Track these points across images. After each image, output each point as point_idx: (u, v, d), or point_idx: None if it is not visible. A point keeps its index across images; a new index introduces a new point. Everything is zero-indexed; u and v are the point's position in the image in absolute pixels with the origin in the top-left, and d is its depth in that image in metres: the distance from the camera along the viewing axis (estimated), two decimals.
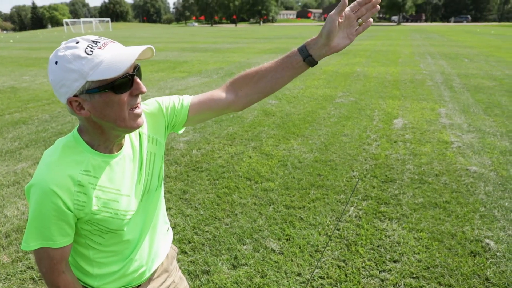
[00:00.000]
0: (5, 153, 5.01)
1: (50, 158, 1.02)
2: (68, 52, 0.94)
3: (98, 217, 1.06)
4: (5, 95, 9.02)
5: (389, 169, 4.29)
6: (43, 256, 1.05)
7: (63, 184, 0.98)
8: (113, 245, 1.16)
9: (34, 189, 0.99)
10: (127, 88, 0.97)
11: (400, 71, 11.19)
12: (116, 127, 1.01)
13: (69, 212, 1.01)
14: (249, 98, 1.26)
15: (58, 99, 8.27)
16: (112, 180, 1.08)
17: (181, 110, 1.24)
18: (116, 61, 0.93)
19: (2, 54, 21.21)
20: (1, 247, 2.97)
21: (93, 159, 1.04)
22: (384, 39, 26.80)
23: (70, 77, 0.93)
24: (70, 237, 1.06)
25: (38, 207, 0.98)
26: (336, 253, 2.87)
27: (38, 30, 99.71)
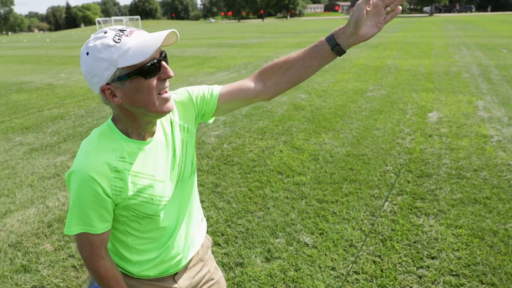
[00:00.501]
0: (45, 147, 5.22)
1: (87, 147, 1.07)
2: (97, 42, 0.98)
3: (134, 202, 1.10)
4: (43, 92, 9.40)
5: (424, 163, 4.17)
6: (84, 241, 1.09)
7: (101, 171, 1.02)
8: (150, 231, 1.19)
9: (73, 176, 1.04)
10: (155, 73, 1.01)
11: (433, 63, 10.83)
12: (147, 113, 1.04)
13: (107, 198, 1.05)
14: (277, 87, 1.28)
15: (92, 95, 8.57)
16: (146, 166, 1.11)
17: (210, 99, 1.26)
18: (143, 46, 0.96)
19: (39, 53, 22.11)
20: (44, 236, 3.11)
21: (127, 146, 1.08)
22: (416, 30, 26.00)
23: (101, 66, 0.97)
24: (108, 223, 1.10)
25: (78, 193, 1.03)
26: (371, 248, 2.83)
27: (72, 29, 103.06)
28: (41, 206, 3.58)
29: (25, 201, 3.70)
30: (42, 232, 3.15)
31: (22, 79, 11.74)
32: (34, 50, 25.19)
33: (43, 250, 2.92)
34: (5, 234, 3.16)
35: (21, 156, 4.94)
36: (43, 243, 3.00)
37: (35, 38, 49.79)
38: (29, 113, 7.23)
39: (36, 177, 4.23)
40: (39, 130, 6.05)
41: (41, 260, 2.80)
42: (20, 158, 4.85)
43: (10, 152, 5.09)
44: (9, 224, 3.31)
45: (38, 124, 6.43)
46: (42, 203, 3.65)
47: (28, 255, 2.87)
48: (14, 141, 5.55)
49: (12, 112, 7.41)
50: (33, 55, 20.92)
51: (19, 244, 3.00)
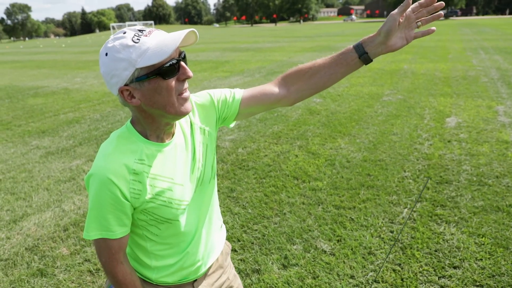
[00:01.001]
0: (61, 151, 5.27)
1: (106, 149, 1.06)
2: (116, 43, 0.97)
3: (152, 206, 1.08)
4: (59, 96, 9.53)
5: (443, 169, 4.07)
6: (102, 246, 1.08)
7: (119, 173, 1.01)
8: (169, 237, 1.17)
9: (92, 178, 1.03)
10: (174, 73, 0.99)
11: (450, 68, 10.66)
12: (166, 114, 1.03)
13: (126, 202, 1.04)
14: (301, 93, 1.27)
15: (107, 99, 8.65)
16: (165, 168, 1.10)
17: (232, 103, 1.25)
18: (162, 46, 0.95)
19: (55, 58, 22.51)
20: (61, 239, 3.11)
21: (146, 148, 1.07)
22: (432, 34, 25.67)
23: (120, 66, 0.96)
24: (127, 227, 1.09)
25: (97, 196, 1.02)
26: (390, 257, 2.75)
27: (87, 34, 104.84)
28: (57, 210, 3.60)
29: (41, 205, 3.72)
30: (58, 236, 3.16)
31: (38, 84, 11.94)
32: (50, 55, 25.67)
33: (59, 254, 2.92)
34: (22, 237, 3.17)
35: (37, 159, 4.99)
36: (59, 247, 3.00)
37: (51, 43, 50.78)
38: (45, 117, 7.32)
39: (52, 181, 4.26)
40: (55, 134, 6.12)
41: (57, 264, 2.80)
42: (37, 162, 4.89)
43: (27, 156, 5.15)
44: (26, 227, 3.32)
45: (54, 128, 6.51)
46: (58, 206, 3.66)
47: (44, 259, 2.87)
48: (31, 145, 5.61)
49: (29, 116, 7.53)
50: (49, 60, 21.30)
51: (35, 248, 3.01)
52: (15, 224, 3.39)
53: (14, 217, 3.51)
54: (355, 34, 31.35)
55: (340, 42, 22.37)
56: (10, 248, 3.04)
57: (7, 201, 3.84)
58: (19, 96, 9.87)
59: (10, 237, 3.19)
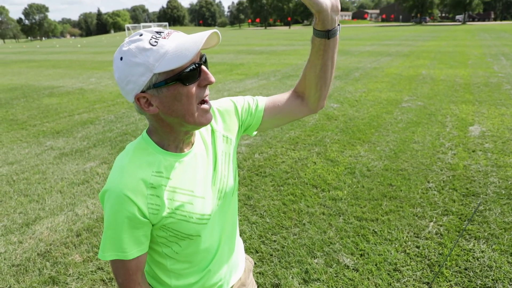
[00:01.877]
0: (75, 152, 5.22)
1: (121, 162, 0.97)
2: (132, 46, 0.88)
3: (172, 221, 0.99)
4: (74, 96, 9.55)
5: (469, 181, 3.89)
6: (119, 267, 1.00)
7: (136, 188, 0.93)
8: (190, 254, 1.09)
9: (108, 195, 0.94)
10: (194, 79, 0.91)
11: (471, 74, 10.39)
12: (185, 123, 0.95)
13: (144, 220, 0.95)
14: (311, 99, 1.19)
15: (122, 100, 8.62)
16: (184, 180, 1.01)
17: (255, 112, 1.18)
18: (182, 49, 0.87)
19: (71, 58, 22.75)
20: (73, 245, 3.03)
21: (164, 159, 0.99)
22: (449, 39, 25.27)
23: (136, 71, 0.88)
24: (144, 246, 1.00)
25: (113, 214, 0.94)
26: (417, 274, 2.60)
27: (102, 35, 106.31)
28: (70, 214, 3.52)
29: (54, 208, 3.65)
30: (71, 241, 3.08)
31: (53, 84, 12.01)
32: (66, 55, 25.97)
33: (71, 261, 2.83)
34: (34, 242, 3.10)
35: (51, 160, 4.94)
36: (72, 254, 2.92)
37: (67, 44, 51.50)
38: (60, 117, 7.31)
39: (66, 183, 4.20)
40: (70, 135, 6.08)
41: (70, 272, 2.71)
42: (51, 163, 4.85)
43: (41, 157, 5.11)
44: (39, 231, 3.25)
45: (69, 128, 6.48)
46: (71, 210, 3.59)
47: (56, 265, 2.79)
48: (45, 146, 5.58)
49: (43, 116, 7.53)
50: (65, 60, 21.53)
51: (47, 254, 2.93)
52: (27, 227, 3.32)
53: (27, 220, 3.45)
54: (371, 38, 31.06)
55: (355, 46, 22.14)
56: (22, 253, 2.96)
57: (20, 203, 3.78)
58: (35, 95, 9.92)
59: (23, 241, 3.12)
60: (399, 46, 21.55)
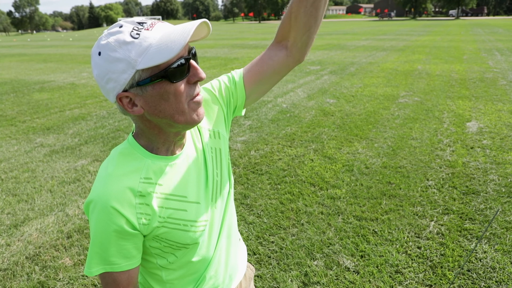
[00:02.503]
0: (66, 149, 5.08)
1: (106, 170, 0.87)
2: (111, 39, 0.78)
3: (166, 231, 0.90)
4: (65, 91, 9.35)
5: (469, 179, 3.83)
6: (109, 281, 0.89)
7: (123, 198, 0.83)
8: (186, 263, 1.00)
9: (92, 206, 0.85)
10: (183, 75, 0.81)
11: (466, 69, 10.35)
12: (175, 123, 0.85)
13: (134, 231, 0.85)
14: (300, 43, 1.03)
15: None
16: (176, 185, 0.92)
17: (235, 88, 1.06)
18: (167, 42, 0.76)
19: (62, 52, 22.40)
20: (64, 248, 2.91)
21: (153, 164, 0.89)
22: (443, 34, 25.27)
23: (116, 68, 0.77)
24: (135, 259, 0.90)
25: (99, 227, 0.84)
26: (420, 276, 2.53)
27: (94, 28, 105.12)
28: (60, 214, 3.40)
29: (44, 208, 3.52)
30: (61, 243, 2.96)
31: (44, 78, 11.78)
32: (57, 49, 25.57)
33: (62, 264, 2.72)
34: (23, 244, 2.98)
35: (41, 158, 4.80)
36: (62, 257, 2.80)
37: (59, 37, 50.78)
38: (51, 113, 7.14)
39: (56, 182, 4.07)
40: (60, 131, 5.93)
41: (60, 277, 2.60)
42: (41, 161, 4.71)
43: (30, 154, 4.96)
44: (27, 233, 3.13)
45: (60, 124, 6.32)
46: (62, 210, 3.47)
47: (46, 269, 2.67)
48: (35, 142, 5.43)
49: (34, 111, 7.35)
50: (56, 54, 21.18)
51: (36, 257, 2.81)
52: (16, 229, 3.20)
53: (15, 221, 3.32)
54: (365, 33, 30.98)
55: (351, 41, 22.04)
56: (10, 256, 2.84)
57: (8, 203, 3.65)
58: (25, 90, 9.71)
59: (10, 244, 3.00)
60: (393, 40, 21.50)
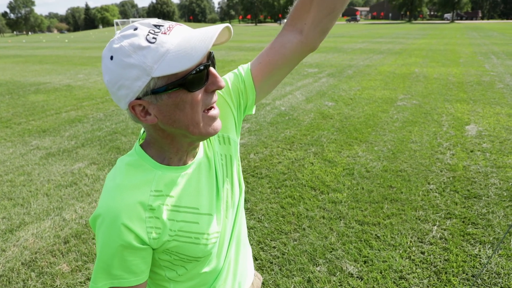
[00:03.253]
0: (62, 152, 5.01)
1: (114, 181, 0.82)
2: (125, 43, 0.72)
3: (177, 244, 0.85)
4: (62, 93, 9.26)
5: (470, 183, 3.81)
6: None
7: (132, 212, 0.78)
8: (196, 276, 0.95)
9: (100, 220, 0.79)
10: (201, 84, 0.75)
11: (463, 72, 10.38)
12: (189, 134, 0.80)
13: (143, 246, 0.81)
14: (320, 27, 0.93)
15: (111, 97, 8.41)
16: (188, 197, 0.87)
17: (244, 86, 0.98)
18: (187, 48, 0.70)
19: (58, 54, 22.25)
20: (61, 254, 2.85)
21: (163, 175, 0.84)
22: (439, 37, 25.40)
23: (130, 74, 0.72)
24: (144, 274, 0.84)
25: (106, 243, 0.79)
26: (424, 282, 2.49)
27: (90, 30, 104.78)
28: (57, 219, 3.33)
29: (40, 212, 3.45)
30: (58, 249, 2.90)
31: (40, 80, 11.67)
32: (53, 50, 25.41)
33: (59, 271, 2.65)
34: (19, 250, 2.91)
35: (37, 161, 4.72)
36: (59, 263, 2.74)
37: (54, 38, 50.51)
38: (47, 115, 7.06)
39: (53, 185, 4.00)
40: (57, 134, 5.85)
41: (57, 283, 2.54)
42: (36, 164, 4.63)
43: (26, 157, 4.89)
44: (23, 238, 3.06)
45: (56, 127, 6.25)
46: (59, 215, 3.40)
47: (42, 276, 2.61)
48: (31, 145, 5.35)
49: (29, 113, 7.26)
50: (52, 55, 21.04)
51: (33, 263, 2.75)
52: (11, 234, 3.13)
53: (11, 226, 3.25)
54: (362, 35, 31.07)
55: (348, 43, 22.09)
56: (5, 262, 2.77)
57: (3, 207, 3.58)
58: (20, 92, 9.61)
59: (6, 249, 2.93)
60: (390, 43, 21.57)
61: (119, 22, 57.26)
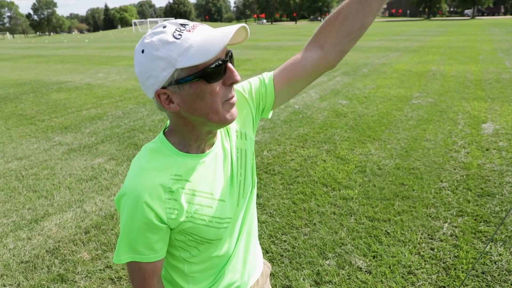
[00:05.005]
0: (83, 148, 5.20)
1: (139, 164, 0.92)
2: (154, 38, 0.83)
3: (191, 226, 0.94)
4: (82, 92, 9.54)
5: (484, 181, 3.80)
6: (135, 270, 0.95)
7: (154, 193, 0.88)
8: (209, 258, 1.05)
9: (124, 199, 0.90)
10: (219, 76, 0.85)
11: (482, 69, 10.21)
12: (208, 122, 0.89)
13: (162, 225, 0.90)
14: (339, 47, 1.05)
15: (129, 95, 8.60)
16: (204, 183, 0.97)
17: (265, 90, 1.09)
18: (207, 44, 0.81)
19: (79, 53, 22.79)
20: (82, 243, 3.00)
21: (183, 161, 0.94)
22: (458, 34, 24.92)
23: (157, 66, 0.82)
24: (161, 252, 0.95)
25: (129, 219, 0.89)
26: (433, 277, 2.53)
27: (109, 30, 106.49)
28: (78, 210, 3.49)
29: (63, 204, 3.62)
30: (79, 238, 3.05)
31: (62, 79, 12.02)
32: (73, 50, 26.02)
33: (80, 258, 2.80)
34: (43, 238, 3.08)
35: (59, 156, 4.92)
36: (80, 251, 2.89)
37: (75, 39, 51.65)
38: (68, 113, 7.30)
39: (74, 179, 4.18)
40: (78, 130, 6.06)
41: (78, 270, 2.68)
42: (59, 159, 4.83)
43: (49, 152, 5.09)
44: (47, 228, 3.23)
45: (77, 124, 6.47)
46: (80, 207, 3.56)
47: (65, 263, 2.76)
48: (54, 141, 5.57)
49: (52, 111, 7.52)
50: (73, 55, 21.57)
51: (56, 251, 2.91)
52: (36, 224, 3.30)
53: (36, 216, 3.43)
54: (378, 33, 30.75)
55: (363, 41, 21.91)
56: (31, 249, 2.94)
57: (29, 199, 3.76)
58: (43, 90, 9.93)
59: (31, 238, 3.10)
60: (407, 41, 21.31)
61: (137, 22, 58.08)
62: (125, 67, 14.56)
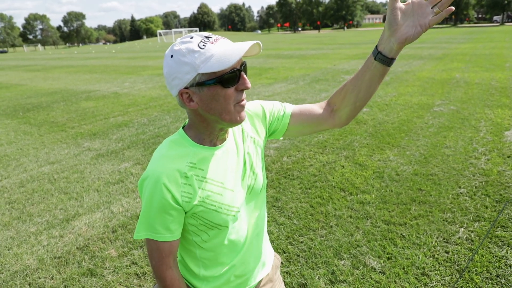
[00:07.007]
0: (110, 153, 5.46)
1: (159, 154, 1.08)
2: (183, 46, 0.99)
3: (202, 210, 1.08)
4: (109, 100, 9.94)
5: (503, 187, 3.79)
6: (153, 248, 1.09)
7: (172, 177, 1.03)
8: (218, 245, 1.16)
9: (147, 182, 1.04)
10: (233, 83, 1.00)
11: (508, 77, 10.02)
12: (221, 120, 1.04)
13: (177, 206, 1.04)
14: (340, 113, 1.24)
15: (154, 104, 8.90)
16: (216, 172, 1.10)
17: (282, 117, 1.26)
18: (226, 55, 0.96)
19: (106, 63, 23.60)
20: (109, 241, 3.19)
21: (198, 152, 1.08)
22: (485, 41, 24.40)
23: (182, 69, 0.98)
24: (177, 232, 1.09)
25: (149, 199, 1.04)
26: (446, 279, 2.57)
27: (135, 41, 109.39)
28: (106, 211, 3.70)
29: (92, 205, 3.85)
30: (107, 237, 3.25)
31: (90, 88, 12.53)
32: (101, 60, 26.96)
33: (108, 255, 2.99)
34: (74, 236, 3.29)
35: (88, 161, 5.19)
36: (108, 248, 3.08)
37: (102, 49, 53.45)
38: (97, 120, 7.65)
39: (102, 182, 4.41)
40: (105, 137, 6.36)
41: (106, 265, 2.87)
42: (88, 163, 5.10)
43: (79, 157, 5.38)
44: (77, 227, 3.45)
45: (105, 130, 6.77)
46: (107, 208, 3.78)
47: (94, 259, 2.96)
48: (83, 147, 5.87)
49: (81, 118, 7.89)
50: (101, 65, 22.37)
51: (86, 248, 3.11)
52: (67, 223, 3.53)
53: (67, 216, 3.66)
54: None
55: None
56: (63, 246, 3.16)
57: (60, 200, 4.01)
58: (73, 99, 10.40)
59: (63, 236, 3.32)
60: (432, 49, 21.03)
61: (162, 33, 59.53)
62: (150, 76, 15.03)
